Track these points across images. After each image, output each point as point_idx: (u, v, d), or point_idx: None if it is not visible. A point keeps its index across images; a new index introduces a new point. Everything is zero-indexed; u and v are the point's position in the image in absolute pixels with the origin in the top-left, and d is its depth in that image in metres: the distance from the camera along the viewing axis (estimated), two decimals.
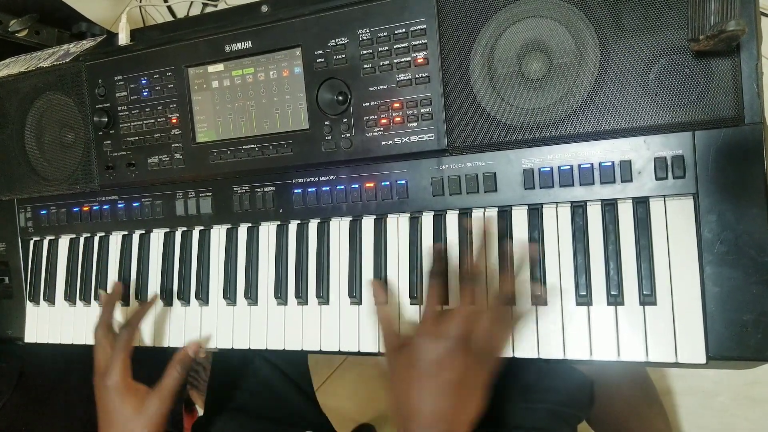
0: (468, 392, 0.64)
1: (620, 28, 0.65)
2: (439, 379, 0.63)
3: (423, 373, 0.64)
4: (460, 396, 0.63)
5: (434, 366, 0.63)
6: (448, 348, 0.63)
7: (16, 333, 1.02)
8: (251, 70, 0.82)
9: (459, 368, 0.63)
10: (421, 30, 0.72)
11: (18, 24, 1.04)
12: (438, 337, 0.64)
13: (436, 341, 0.64)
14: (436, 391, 0.63)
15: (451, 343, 0.63)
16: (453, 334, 0.64)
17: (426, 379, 0.63)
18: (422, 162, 0.75)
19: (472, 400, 0.64)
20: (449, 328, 0.64)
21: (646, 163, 0.66)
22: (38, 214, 1.00)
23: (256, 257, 0.85)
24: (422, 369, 0.64)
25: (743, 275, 0.62)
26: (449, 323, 0.65)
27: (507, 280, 0.69)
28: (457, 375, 0.63)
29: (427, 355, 0.64)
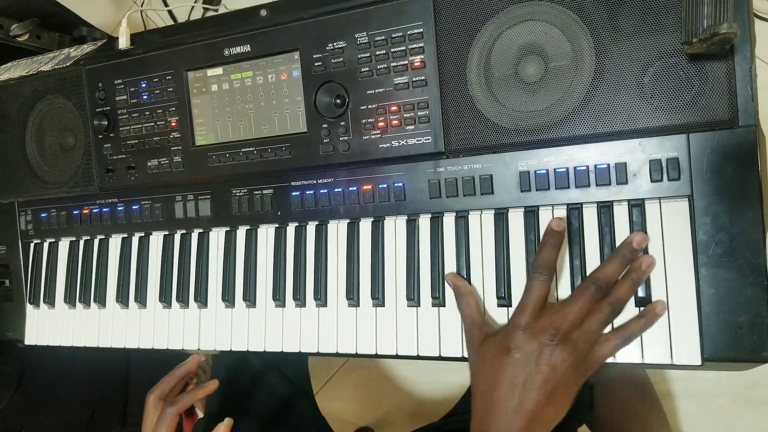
0: (557, 393, 0.61)
1: (616, 32, 0.66)
2: (533, 371, 0.61)
3: (517, 363, 0.61)
4: (549, 395, 0.61)
5: (531, 358, 0.61)
6: (549, 343, 0.61)
7: (17, 335, 1.02)
8: (250, 74, 0.82)
9: (556, 366, 0.61)
10: (418, 34, 0.73)
11: (19, 28, 1.04)
12: (540, 330, 0.62)
13: (532, 332, 0.62)
14: (526, 384, 0.61)
15: (554, 339, 0.61)
16: (558, 330, 0.61)
17: (519, 370, 0.61)
18: (419, 165, 0.75)
19: (560, 401, 0.62)
20: (554, 323, 0.62)
21: (641, 166, 0.66)
22: (38, 217, 1.00)
23: (255, 260, 0.85)
24: (516, 359, 0.61)
25: (738, 277, 0.62)
26: (551, 317, 0.62)
27: (623, 286, 0.64)
28: (552, 372, 0.60)
29: (525, 345, 0.62)
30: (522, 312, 0.63)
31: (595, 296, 0.62)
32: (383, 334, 0.77)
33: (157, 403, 0.81)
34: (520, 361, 0.61)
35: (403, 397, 1.49)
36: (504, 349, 0.63)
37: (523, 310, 0.63)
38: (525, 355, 0.61)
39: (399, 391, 1.50)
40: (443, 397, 1.46)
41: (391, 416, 1.50)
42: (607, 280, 0.63)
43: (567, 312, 0.62)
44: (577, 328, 0.62)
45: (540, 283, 0.63)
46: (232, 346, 0.86)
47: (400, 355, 0.76)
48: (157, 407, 0.81)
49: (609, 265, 0.64)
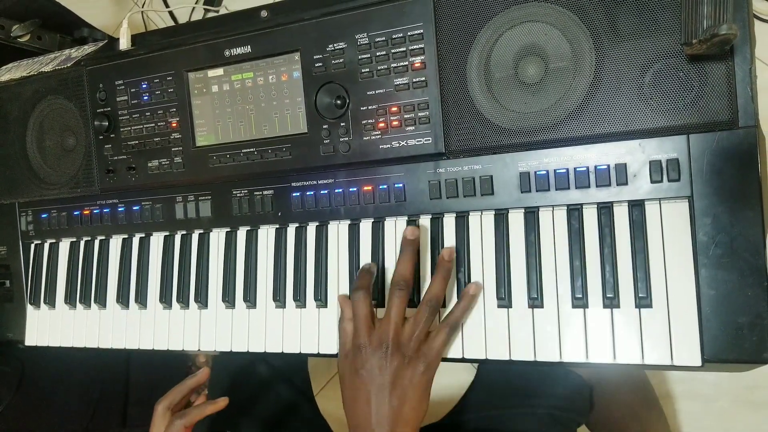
0: (407, 393, 0.68)
1: (616, 33, 0.66)
2: (380, 383, 0.68)
3: (365, 379, 0.69)
4: (401, 398, 0.67)
5: (374, 371, 0.68)
6: (379, 354, 0.68)
7: (17, 336, 1.02)
8: (251, 75, 0.82)
9: (396, 370, 0.68)
10: (419, 35, 0.73)
11: (20, 29, 1.05)
12: (371, 345, 0.69)
13: (369, 349, 0.69)
14: (377, 395, 0.67)
15: (382, 350, 0.68)
16: (382, 341, 0.69)
17: (368, 385, 0.68)
18: (420, 165, 0.75)
19: (412, 401, 0.68)
20: (379, 335, 0.69)
21: (641, 167, 0.66)
22: (39, 218, 1.00)
23: (255, 260, 0.85)
24: (361, 376, 0.69)
25: (738, 278, 0.62)
26: (378, 331, 0.70)
27: (434, 283, 0.71)
28: (396, 377, 0.67)
29: (363, 363, 0.69)
30: (356, 333, 0.71)
31: (402, 297, 0.70)
32: None
33: (165, 413, 0.81)
34: (366, 378, 0.69)
35: None
36: (353, 370, 0.70)
37: (357, 331, 0.71)
38: (368, 370, 0.69)
39: None
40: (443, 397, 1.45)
41: None
42: (404, 278, 0.71)
43: (388, 321, 0.69)
44: (402, 332, 0.69)
45: (359, 302, 0.71)
46: (233, 347, 0.86)
47: None
48: (165, 417, 0.81)
49: (400, 265, 0.72)
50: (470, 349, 0.72)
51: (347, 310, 0.74)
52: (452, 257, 0.72)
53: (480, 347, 0.72)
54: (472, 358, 0.72)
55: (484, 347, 0.72)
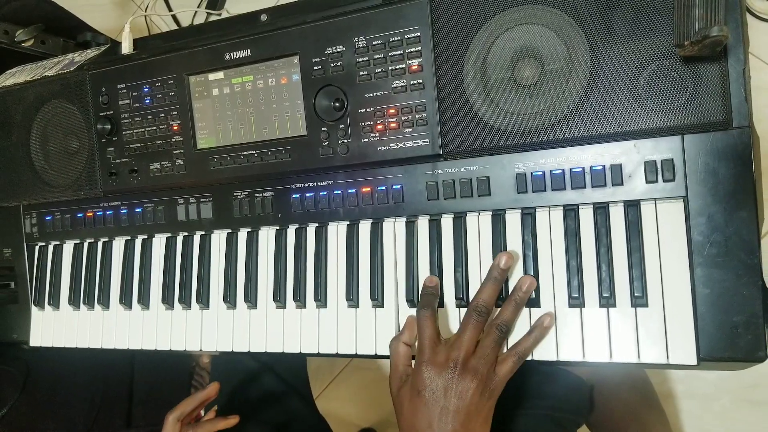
0: (471, 419, 0.65)
1: (610, 35, 0.66)
2: (443, 406, 0.65)
3: (428, 401, 0.65)
4: (463, 423, 0.64)
5: (439, 393, 0.65)
6: (447, 376, 0.65)
7: (22, 337, 1.03)
8: (250, 78, 0.83)
9: (462, 395, 0.65)
10: (416, 38, 0.74)
11: (24, 34, 1.06)
12: (441, 365, 0.66)
13: (435, 369, 0.66)
14: (440, 419, 0.65)
15: (453, 371, 0.65)
16: (455, 361, 0.66)
17: (431, 408, 0.65)
18: (417, 167, 0.76)
19: (474, 427, 0.65)
20: (451, 355, 0.66)
21: (636, 167, 0.67)
22: (43, 220, 1.01)
23: (256, 261, 0.86)
24: (427, 397, 0.66)
25: (733, 277, 0.63)
26: (451, 351, 0.66)
27: (506, 308, 0.69)
28: (460, 402, 0.65)
29: (430, 383, 0.66)
30: (421, 352, 0.69)
31: (479, 321, 0.67)
32: (383, 335, 0.78)
33: (176, 424, 0.84)
34: (430, 400, 0.66)
35: None
36: (415, 391, 0.67)
37: (422, 351, 0.68)
38: (432, 392, 0.66)
39: None
40: None
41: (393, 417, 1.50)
42: (485, 304, 0.68)
43: (459, 343, 0.67)
44: (473, 355, 0.66)
45: (426, 320, 0.69)
46: (234, 347, 0.86)
47: None
48: (175, 428, 0.84)
49: (484, 291, 0.69)
50: None
51: (408, 332, 0.73)
52: (531, 290, 0.69)
53: None
54: None
55: None
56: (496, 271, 0.70)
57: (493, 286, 0.69)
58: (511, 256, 0.70)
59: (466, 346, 0.66)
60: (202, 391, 0.87)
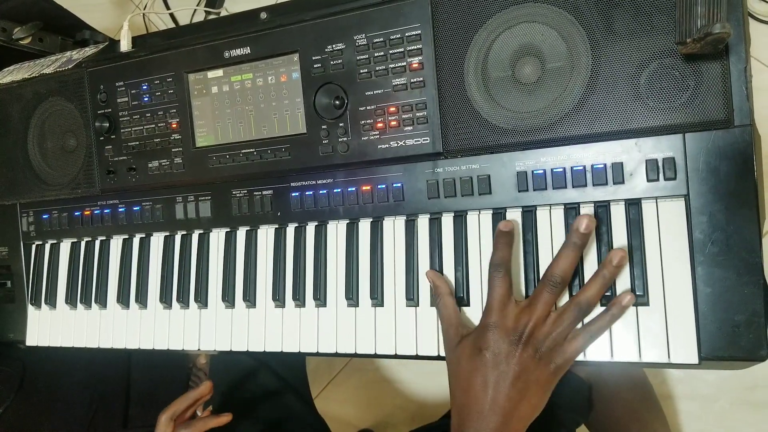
0: (529, 389, 0.64)
1: (611, 33, 0.66)
2: (503, 370, 0.63)
3: (488, 362, 0.64)
4: (521, 391, 0.63)
5: (501, 357, 0.64)
6: (516, 341, 0.64)
7: (18, 336, 1.03)
8: (250, 76, 0.83)
9: (525, 363, 0.63)
10: (416, 35, 0.73)
11: (22, 31, 1.05)
12: (508, 329, 0.64)
13: (505, 332, 0.64)
14: (498, 382, 0.63)
15: (520, 337, 0.63)
16: (523, 329, 0.64)
17: (490, 369, 0.64)
18: (418, 165, 0.76)
19: (532, 398, 0.64)
20: (520, 322, 0.64)
21: (637, 165, 0.66)
22: (40, 219, 1.01)
23: (255, 260, 0.86)
24: (488, 358, 0.64)
25: (735, 275, 0.63)
26: (521, 317, 0.64)
27: (592, 285, 0.64)
28: (522, 369, 0.63)
29: (494, 345, 0.64)
30: (489, 312, 0.66)
31: (552, 293, 0.64)
32: (382, 334, 0.77)
33: (169, 424, 0.84)
34: (491, 361, 0.64)
35: (403, 399, 1.49)
36: (476, 349, 0.65)
37: (490, 310, 0.66)
38: (495, 354, 0.64)
39: (400, 393, 1.50)
40: (444, 398, 1.46)
41: (392, 418, 1.50)
42: (561, 274, 0.64)
43: (531, 311, 0.64)
44: (542, 326, 0.64)
45: (499, 280, 0.66)
46: (232, 347, 0.86)
47: (399, 354, 0.76)
48: (168, 427, 0.84)
49: (561, 259, 0.64)
50: None
51: (441, 284, 0.72)
52: (623, 263, 0.64)
53: None
54: None
55: None
56: (576, 236, 0.64)
57: (571, 254, 0.64)
58: (592, 218, 0.64)
59: (537, 316, 0.64)
60: (194, 390, 0.87)
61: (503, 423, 0.63)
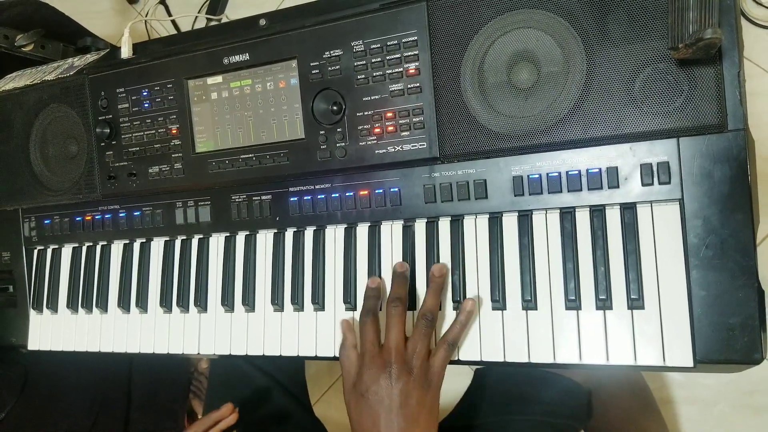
0: (416, 414, 0.68)
1: (606, 38, 0.67)
2: (387, 404, 0.67)
3: (371, 402, 0.68)
4: (408, 418, 0.67)
5: (379, 395, 0.68)
6: (385, 376, 0.68)
7: (20, 341, 1.03)
8: (249, 82, 0.84)
9: (404, 390, 0.67)
10: (413, 41, 0.74)
11: (24, 38, 1.06)
12: (379, 366, 0.69)
13: (374, 371, 0.69)
14: (388, 418, 0.67)
15: (387, 371, 0.68)
16: (387, 362, 0.69)
17: (375, 408, 0.68)
18: (415, 170, 0.76)
19: (422, 420, 0.68)
20: (383, 357, 0.69)
21: (632, 170, 0.67)
22: (42, 224, 1.02)
23: (254, 265, 0.86)
24: (370, 399, 0.68)
25: (729, 279, 0.63)
26: (382, 353, 0.70)
27: (428, 298, 0.72)
28: (404, 397, 0.67)
29: (369, 385, 0.69)
30: (362, 356, 0.71)
31: (399, 315, 0.71)
32: None
33: None
34: (373, 401, 0.68)
35: None
36: (359, 395, 0.70)
37: (363, 354, 0.71)
38: (374, 393, 0.68)
39: None
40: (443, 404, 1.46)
41: None
42: (398, 296, 0.72)
43: (388, 342, 0.70)
44: (405, 351, 0.69)
45: (367, 326, 0.72)
46: (232, 351, 0.86)
47: None
48: None
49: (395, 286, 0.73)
50: (465, 351, 0.73)
51: (350, 336, 0.75)
52: (442, 273, 0.72)
53: (475, 349, 0.73)
54: (467, 360, 0.73)
55: (478, 349, 0.72)
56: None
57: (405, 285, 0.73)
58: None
59: (395, 344, 0.69)
60: (216, 412, 0.89)
61: None
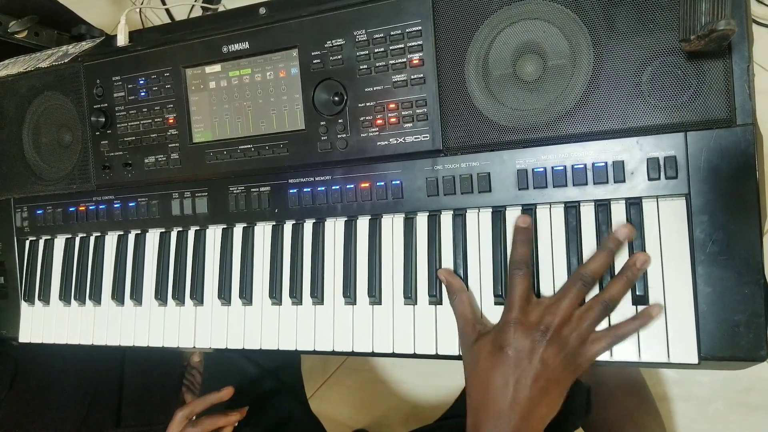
0: (549, 389, 0.62)
1: (614, 31, 0.66)
2: (525, 368, 0.62)
3: (509, 360, 0.62)
4: (542, 391, 0.62)
5: (523, 354, 0.62)
6: (540, 339, 0.62)
7: (11, 333, 1.02)
8: (248, 71, 0.82)
9: (547, 362, 0.62)
10: (417, 31, 0.73)
11: (17, 25, 1.04)
12: (531, 326, 0.63)
13: (528, 330, 0.63)
14: (519, 380, 0.62)
15: (545, 335, 0.62)
16: (548, 327, 0.62)
17: (512, 367, 0.62)
18: (417, 162, 0.75)
19: (552, 397, 0.63)
20: (545, 319, 0.63)
21: (638, 164, 0.66)
22: (34, 214, 1.00)
23: (251, 257, 0.85)
24: (509, 356, 0.62)
25: (735, 275, 0.62)
26: (545, 315, 0.63)
27: (616, 284, 0.64)
28: (544, 368, 0.61)
29: (517, 342, 0.63)
30: (511, 309, 0.65)
31: (582, 291, 0.64)
32: (380, 332, 0.77)
33: (183, 421, 0.87)
34: (512, 358, 0.62)
35: (398, 400, 1.49)
36: (497, 347, 0.64)
37: (512, 307, 0.65)
38: (517, 351, 0.62)
39: (394, 393, 1.49)
40: (438, 399, 1.45)
41: (386, 419, 1.50)
42: (592, 275, 0.64)
43: (556, 308, 0.63)
44: (567, 324, 0.63)
45: (520, 278, 0.65)
46: (228, 345, 0.85)
47: (397, 353, 0.75)
48: (181, 424, 0.87)
49: (595, 260, 0.65)
50: None
51: (455, 282, 0.71)
52: (645, 267, 0.64)
53: None
54: None
55: None
56: (612, 242, 0.65)
57: (605, 258, 0.64)
58: (632, 229, 0.65)
59: (563, 314, 0.63)
60: (214, 394, 0.88)
61: (522, 423, 0.61)
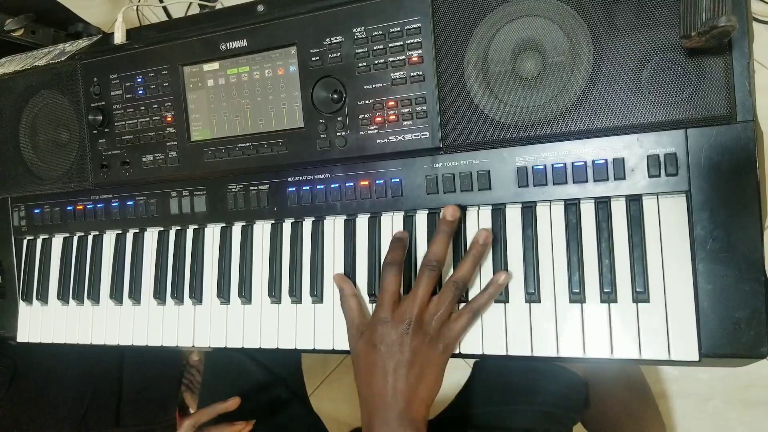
0: (425, 372, 0.68)
1: (613, 27, 0.65)
2: (398, 359, 0.67)
3: (381, 354, 0.68)
4: (418, 375, 0.68)
5: (394, 347, 0.68)
6: (402, 330, 0.68)
7: (9, 332, 1.01)
8: (246, 69, 0.82)
9: (416, 348, 0.68)
10: (416, 29, 0.73)
11: (14, 23, 1.03)
12: (393, 320, 0.69)
13: (391, 324, 0.69)
14: (395, 370, 0.67)
15: (405, 325, 0.68)
16: (407, 317, 0.68)
17: (384, 360, 0.68)
18: (417, 160, 0.75)
19: (428, 380, 0.68)
20: (403, 311, 0.69)
21: (639, 161, 0.66)
22: (32, 213, 0.99)
23: (250, 256, 0.84)
24: (380, 351, 0.68)
25: (736, 272, 0.62)
26: (403, 307, 0.69)
27: (464, 264, 0.70)
28: (415, 354, 0.67)
29: (383, 337, 0.69)
30: (380, 308, 0.71)
31: (431, 277, 0.69)
32: None
33: (189, 430, 0.87)
34: (385, 353, 0.68)
35: None
36: (371, 345, 0.70)
37: (380, 306, 0.71)
38: (387, 346, 0.68)
39: None
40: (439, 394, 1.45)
41: None
42: (436, 258, 0.70)
43: (413, 299, 0.69)
44: (426, 311, 0.69)
45: (391, 277, 0.71)
46: (227, 343, 0.85)
47: None
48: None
49: (435, 244, 0.70)
50: (467, 345, 0.72)
51: (346, 286, 0.76)
52: (488, 242, 0.70)
53: (477, 342, 0.71)
54: (469, 353, 0.72)
55: (481, 342, 0.71)
56: (444, 224, 0.71)
57: (443, 239, 0.70)
58: (457, 208, 0.71)
59: (420, 302, 0.68)
60: (221, 403, 0.88)
61: (406, 407, 0.67)
